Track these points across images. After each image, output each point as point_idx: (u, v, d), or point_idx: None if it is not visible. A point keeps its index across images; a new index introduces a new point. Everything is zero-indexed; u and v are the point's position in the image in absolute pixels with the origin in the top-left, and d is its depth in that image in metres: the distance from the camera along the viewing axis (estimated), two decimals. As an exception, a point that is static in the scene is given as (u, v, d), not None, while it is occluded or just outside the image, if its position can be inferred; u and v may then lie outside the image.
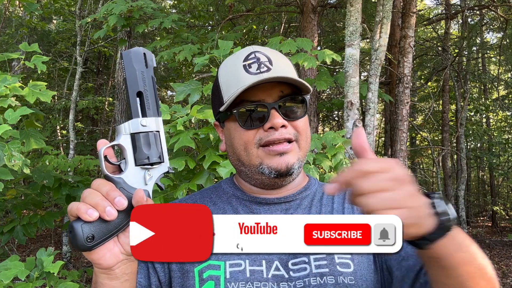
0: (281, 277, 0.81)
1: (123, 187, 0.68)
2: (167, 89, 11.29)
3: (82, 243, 0.64)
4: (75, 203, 0.65)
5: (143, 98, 0.70)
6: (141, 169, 0.69)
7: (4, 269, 1.88)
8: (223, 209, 0.91)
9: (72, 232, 0.64)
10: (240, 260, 0.82)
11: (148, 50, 0.72)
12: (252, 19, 7.49)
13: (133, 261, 0.71)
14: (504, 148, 10.73)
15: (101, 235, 0.65)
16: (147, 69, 0.71)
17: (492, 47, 10.46)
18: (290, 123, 0.86)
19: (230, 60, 0.92)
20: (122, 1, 3.89)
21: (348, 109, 3.48)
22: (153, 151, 0.70)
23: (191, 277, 0.83)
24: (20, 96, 2.12)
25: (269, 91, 0.85)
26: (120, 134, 0.70)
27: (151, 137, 0.70)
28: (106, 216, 0.64)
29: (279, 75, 0.84)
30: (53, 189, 3.10)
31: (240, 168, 0.91)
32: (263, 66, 0.86)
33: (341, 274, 0.82)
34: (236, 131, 0.87)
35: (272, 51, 0.91)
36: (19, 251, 6.18)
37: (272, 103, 0.84)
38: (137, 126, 0.69)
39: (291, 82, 0.86)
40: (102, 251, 0.66)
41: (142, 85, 0.70)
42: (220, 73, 0.92)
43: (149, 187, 0.70)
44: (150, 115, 0.70)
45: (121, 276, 0.70)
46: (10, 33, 8.46)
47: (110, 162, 0.69)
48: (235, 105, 0.86)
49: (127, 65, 0.70)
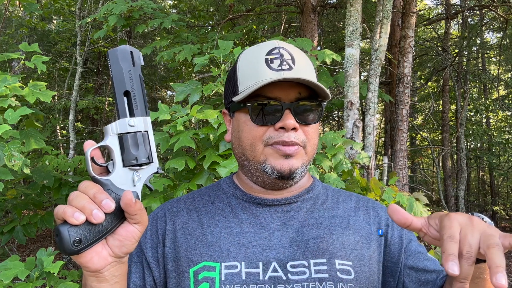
0: (279, 279, 0.79)
1: (111, 189, 0.66)
2: (167, 89, 11.29)
3: (69, 247, 0.62)
4: (61, 206, 0.64)
5: (130, 98, 0.68)
6: (129, 170, 0.68)
7: (4, 269, 1.88)
8: (221, 209, 0.89)
9: (58, 236, 0.63)
10: (236, 262, 0.81)
11: (135, 49, 0.70)
12: (252, 19, 7.48)
13: (122, 263, 0.70)
14: (504, 148, 10.74)
15: (88, 238, 0.64)
16: (134, 68, 0.69)
17: (492, 47, 10.46)
18: (301, 126, 0.84)
19: (252, 51, 0.88)
20: (122, 1, 3.89)
21: (348, 109, 3.48)
22: (141, 151, 0.68)
23: (186, 278, 0.81)
24: (20, 96, 2.11)
25: (287, 90, 0.83)
26: (107, 134, 0.68)
27: (139, 137, 0.68)
28: (93, 219, 0.62)
29: (300, 76, 0.81)
30: (53, 189, 3.10)
31: (243, 162, 0.89)
32: (285, 64, 0.83)
33: (341, 280, 0.80)
34: (246, 124, 0.85)
35: (296, 49, 0.88)
36: (19, 251, 6.18)
37: (288, 104, 0.82)
38: (125, 127, 0.67)
39: (312, 85, 0.83)
40: (90, 254, 0.65)
41: (130, 84, 0.68)
42: (240, 61, 0.88)
43: (137, 188, 0.68)
44: (138, 115, 0.68)
45: (111, 279, 0.69)
46: (10, 33, 8.46)
47: (97, 164, 0.67)
48: (249, 98, 0.83)
49: (113, 64, 0.68)
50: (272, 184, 0.86)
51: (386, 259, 0.89)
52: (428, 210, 2.55)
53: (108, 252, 0.67)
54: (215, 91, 2.35)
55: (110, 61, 0.68)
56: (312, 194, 0.92)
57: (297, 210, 0.88)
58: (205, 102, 3.56)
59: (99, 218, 0.63)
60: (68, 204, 0.64)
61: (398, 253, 0.89)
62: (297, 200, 0.90)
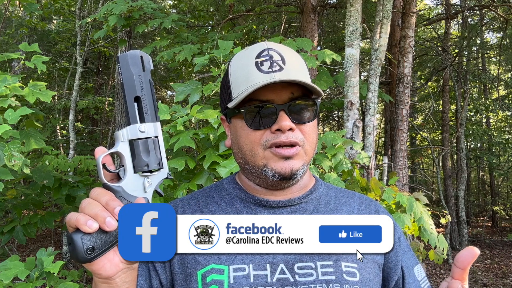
0: (286, 281, 0.80)
1: (123, 195, 0.66)
2: (167, 89, 11.29)
3: (83, 255, 0.62)
4: (74, 214, 0.64)
5: (141, 103, 0.68)
6: (140, 177, 0.68)
7: (4, 269, 1.87)
8: (226, 211, 0.89)
9: (71, 244, 0.63)
10: (244, 265, 0.80)
11: (145, 53, 0.70)
12: (252, 19, 7.48)
13: (133, 269, 0.70)
14: (504, 148, 10.73)
15: (101, 246, 0.64)
16: (145, 73, 0.69)
17: (492, 47, 10.46)
18: (298, 126, 0.84)
19: (242, 55, 0.89)
20: (122, 1, 3.89)
21: (348, 109, 3.48)
22: (152, 157, 0.68)
23: (194, 281, 0.81)
24: (20, 96, 2.11)
25: (279, 91, 0.83)
26: (118, 141, 0.68)
27: (150, 143, 0.68)
28: (106, 227, 0.62)
29: (290, 77, 0.81)
30: (53, 189, 3.10)
31: (244, 166, 0.89)
32: (275, 65, 0.83)
33: (347, 282, 0.80)
34: (243, 130, 0.85)
35: (286, 48, 0.88)
36: (19, 251, 6.18)
37: (281, 105, 0.82)
38: (136, 133, 0.67)
39: (304, 84, 0.83)
40: (102, 261, 0.65)
41: (140, 90, 0.68)
42: (231, 67, 0.89)
43: (148, 195, 0.68)
44: (148, 121, 0.68)
45: (122, 285, 0.69)
46: (10, 33, 8.46)
47: (108, 170, 0.67)
48: (243, 103, 0.83)
49: (124, 69, 0.68)
50: (275, 185, 0.87)
51: (385, 264, 0.90)
52: (428, 210, 2.55)
53: (120, 258, 0.67)
54: (215, 91, 2.36)
55: (121, 66, 0.68)
56: (315, 195, 0.92)
57: (301, 212, 0.89)
58: (205, 102, 3.56)
59: (112, 226, 0.63)
60: (80, 211, 0.64)
61: (396, 259, 0.90)
62: (301, 201, 0.90)
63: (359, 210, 0.93)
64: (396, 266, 0.90)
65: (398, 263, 0.90)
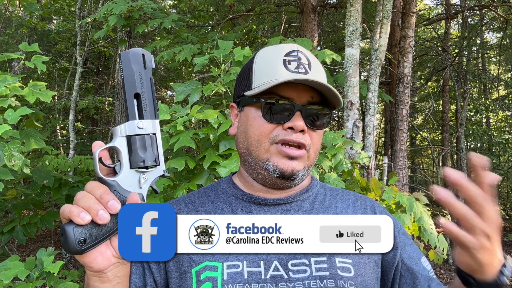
0: (280, 278, 0.80)
1: (117, 190, 0.67)
2: (167, 89, 11.29)
3: (74, 247, 0.63)
4: (67, 205, 0.65)
5: (140, 100, 0.69)
6: (136, 172, 0.68)
7: (4, 269, 1.87)
8: (221, 209, 0.90)
9: (64, 235, 0.63)
10: (238, 262, 0.81)
11: (147, 51, 0.71)
12: (252, 19, 7.48)
13: (125, 264, 0.71)
14: (504, 148, 10.74)
15: (93, 238, 0.64)
16: (146, 71, 0.70)
17: (492, 47, 10.46)
18: (309, 130, 0.86)
19: (270, 49, 0.91)
20: (122, 1, 3.89)
21: (348, 109, 3.48)
22: (148, 154, 0.69)
23: (188, 278, 0.82)
24: (20, 96, 2.11)
25: (300, 92, 0.85)
26: (116, 136, 0.68)
27: (147, 139, 0.69)
28: (99, 219, 0.63)
29: (317, 80, 0.83)
30: (53, 189, 3.10)
31: (246, 157, 0.89)
32: (301, 67, 0.85)
33: (341, 278, 0.81)
34: (256, 120, 0.86)
35: (313, 56, 0.91)
36: (19, 251, 6.18)
37: (300, 106, 0.84)
38: (134, 129, 0.68)
39: (325, 92, 0.86)
40: (94, 254, 0.66)
41: (140, 87, 0.69)
42: (257, 58, 0.90)
43: (143, 191, 0.69)
44: (147, 117, 0.69)
45: (113, 279, 0.70)
46: (10, 33, 8.45)
47: (104, 165, 0.68)
48: (262, 94, 0.85)
49: (125, 66, 0.69)
50: (272, 183, 0.87)
51: (383, 258, 0.90)
52: (428, 210, 2.55)
53: (112, 252, 0.68)
54: (215, 91, 2.36)
55: (122, 63, 0.69)
56: (311, 193, 0.93)
57: (296, 209, 0.89)
58: (205, 102, 3.56)
59: (105, 219, 0.63)
60: (74, 203, 0.65)
61: (393, 254, 0.90)
62: (297, 199, 0.90)
63: (354, 207, 0.94)
64: (393, 259, 0.89)
65: (396, 255, 0.90)
